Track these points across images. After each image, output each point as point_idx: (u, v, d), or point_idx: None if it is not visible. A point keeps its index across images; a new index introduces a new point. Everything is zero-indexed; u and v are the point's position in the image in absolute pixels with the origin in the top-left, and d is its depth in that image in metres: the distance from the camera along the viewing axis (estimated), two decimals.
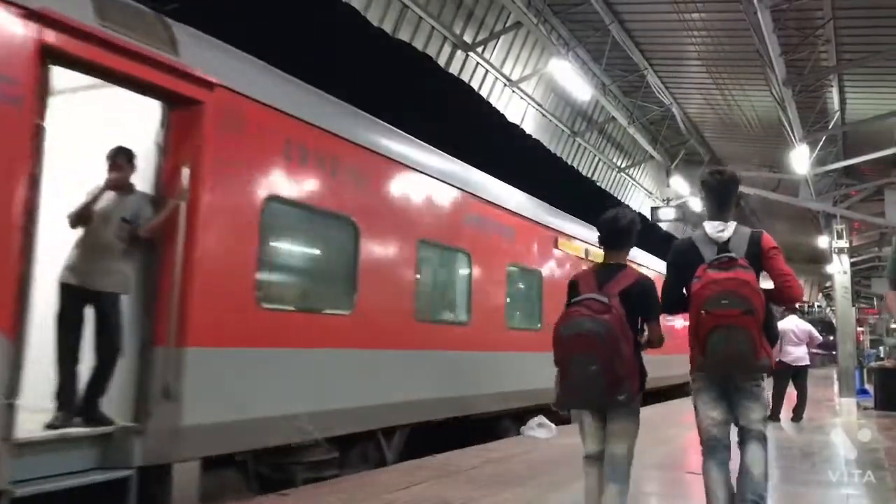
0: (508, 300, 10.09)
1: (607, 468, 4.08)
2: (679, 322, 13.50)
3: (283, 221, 6.26)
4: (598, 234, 4.38)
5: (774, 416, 11.96)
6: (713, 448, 4.03)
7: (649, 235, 25.40)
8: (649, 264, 17.08)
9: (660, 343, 4.15)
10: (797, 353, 11.95)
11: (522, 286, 11.04)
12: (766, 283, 4.01)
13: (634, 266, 5.15)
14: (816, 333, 12.67)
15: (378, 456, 7.25)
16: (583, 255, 12.48)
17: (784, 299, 4.22)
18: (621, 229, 4.33)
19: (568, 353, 3.93)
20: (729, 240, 4.06)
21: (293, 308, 6.34)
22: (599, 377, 3.81)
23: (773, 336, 4.06)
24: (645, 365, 4.18)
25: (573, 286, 4.28)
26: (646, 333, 4.16)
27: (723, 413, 4.03)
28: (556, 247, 11.80)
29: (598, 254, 12.84)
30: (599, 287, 4.10)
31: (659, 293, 4.23)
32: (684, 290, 4.07)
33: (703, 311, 3.83)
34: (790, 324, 12.13)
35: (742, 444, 4.05)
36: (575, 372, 3.89)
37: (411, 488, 5.91)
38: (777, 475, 7.24)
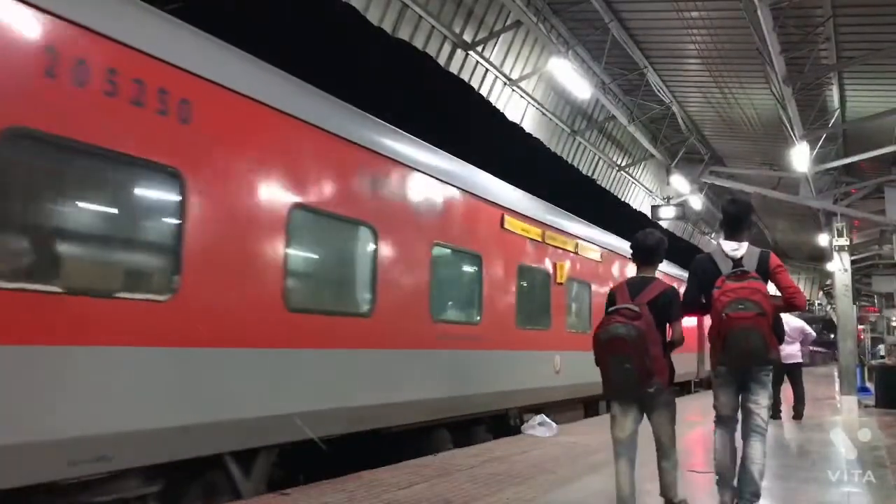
0: (435, 289, 8.12)
1: (658, 452, 5.05)
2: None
3: None
4: (631, 252, 5.30)
5: (775, 414, 11.97)
6: (725, 422, 5.03)
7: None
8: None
9: (681, 341, 4.98)
10: (789, 350, 11.83)
11: (455, 271, 9.41)
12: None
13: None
14: (809, 329, 12.67)
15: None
16: (540, 239, 11.23)
17: (791, 308, 5.03)
18: (649, 248, 5.19)
19: (605, 354, 4.73)
20: (742, 257, 4.92)
21: None
22: (632, 373, 4.64)
23: (780, 335, 4.88)
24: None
25: (611, 296, 5.10)
26: (669, 333, 4.95)
27: (735, 400, 5.02)
28: (503, 226, 10.02)
29: (561, 239, 11.71)
30: (632, 297, 4.90)
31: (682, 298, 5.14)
32: (702, 297, 5.03)
33: (724, 315, 4.67)
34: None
35: (745, 437, 4.90)
36: (612, 370, 4.73)
37: (413, 487, 5.92)
38: (778, 473, 7.25)
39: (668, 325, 4.93)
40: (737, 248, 4.98)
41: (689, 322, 16.60)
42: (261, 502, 5.40)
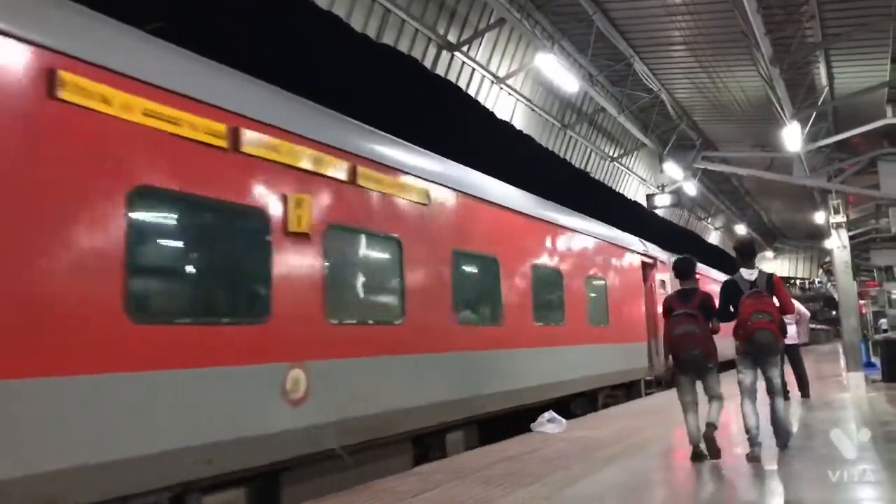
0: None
1: (710, 400, 6.97)
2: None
3: None
4: (674, 273, 7.48)
5: (784, 396, 11.97)
6: (750, 393, 6.93)
7: (646, 222, 25.40)
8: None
9: (718, 330, 6.99)
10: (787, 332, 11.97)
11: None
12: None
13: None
14: (804, 309, 12.85)
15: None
16: (425, 201, 8.17)
17: (785, 313, 7.23)
18: (687, 270, 7.35)
19: (680, 344, 6.90)
20: (756, 280, 7.04)
21: None
22: (699, 356, 6.86)
23: (784, 331, 7.13)
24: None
25: (669, 305, 7.15)
26: (710, 324, 6.99)
27: (754, 375, 7.00)
28: (355, 181, 7.02)
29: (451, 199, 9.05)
30: (684, 304, 6.98)
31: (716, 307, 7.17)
32: (731, 308, 7.07)
33: (749, 322, 6.76)
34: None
35: (770, 398, 7.09)
36: (684, 354, 6.89)
37: (426, 493, 5.88)
38: (791, 453, 7.23)
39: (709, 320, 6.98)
40: (751, 273, 7.13)
41: (635, 307, 14.85)
42: None
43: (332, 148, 6.73)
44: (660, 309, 14.68)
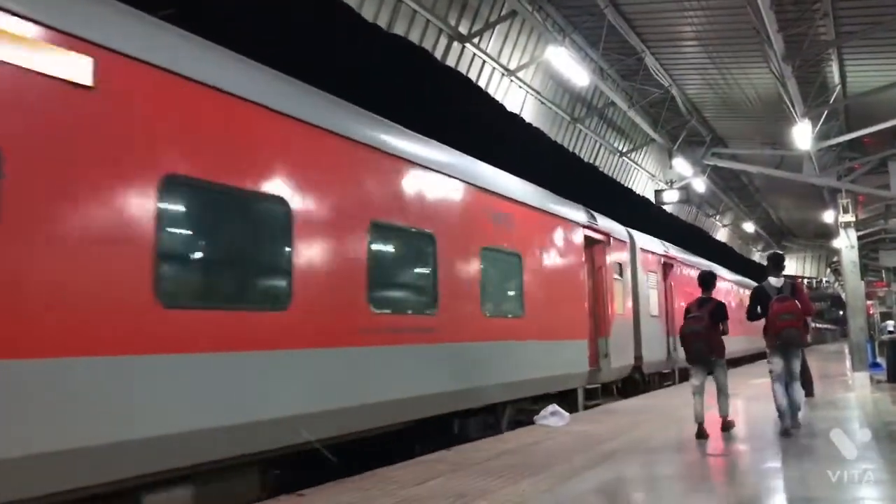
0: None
1: (718, 391, 8.42)
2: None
3: None
4: (698, 281, 8.76)
5: (807, 392, 11.95)
6: (779, 378, 8.22)
7: (654, 218, 25.32)
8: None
9: (727, 331, 8.35)
10: None
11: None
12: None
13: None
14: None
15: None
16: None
17: (808, 314, 8.51)
18: (708, 281, 8.70)
19: (687, 339, 8.27)
20: (782, 286, 8.32)
21: None
22: (702, 350, 8.20)
23: (807, 329, 8.63)
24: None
25: (688, 310, 8.47)
26: (721, 327, 8.30)
27: (781, 364, 8.25)
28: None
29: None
30: (699, 310, 8.32)
31: (728, 312, 8.48)
32: (759, 309, 8.39)
33: (777, 321, 8.04)
34: None
35: (790, 383, 8.27)
36: (690, 348, 8.27)
37: (428, 483, 5.92)
38: (793, 453, 7.24)
39: (720, 323, 8.28)
40: (778, 281, 8.42)
41: (572, 295, 11.62)
42: (277, 503, 5.41)
43: None
44: (629, 303, 14.29)
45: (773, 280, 8.40)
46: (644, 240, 16.19)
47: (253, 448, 5.53)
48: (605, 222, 13.46)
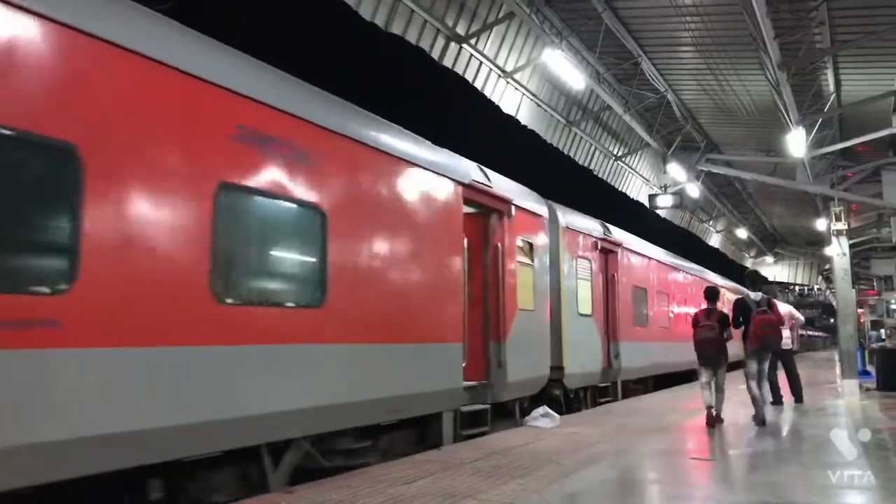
0: None
1: (717, 389, 9.78)
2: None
3: None
4: (704, 294, 10.32)
5: (777, 401, 12.02)
6: (753, 376, 9.74)
7: (647, 222, 25.39)
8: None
9: (730, 337, 9.85)
10: None
11: None
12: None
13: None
14: (797, 314, 12.84)
15: None
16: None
17: (781, 324, 9.88)
18: (713, 295, 10.20)
19: (701, 345, 9.74)
20: (760, 300, 9.70)
21: None
22: (712, 353, 9.73)
23: (780, 337, 9.95)
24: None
25: (696, 319, 9.99)
26: (725, 333, 9.79)
27: (759, 366, 9.83)
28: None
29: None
30: (707, 320, 9.80)
31: (731, 319, 9.91)
32: (741, 318, 9.84)
33: (759, 331, 9.43)
34: None
35: (765, 382, 10.26)
36: (704, 352, 9.75)
37: (417, 482, 5.92)
38: (782, 458, 7.27)
39: (724, 330, 9.79)
40: (757, 296, 9.83)
41: (437, 280, 8.07)
42: (265, 500, 5.40)
43: None
44: (545, 297, 10.80)
45: (752, 294, 9.91)
46: (573, 217, 12.84)
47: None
48: (507, 185, 10.29)
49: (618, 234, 15.04)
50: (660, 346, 17.38)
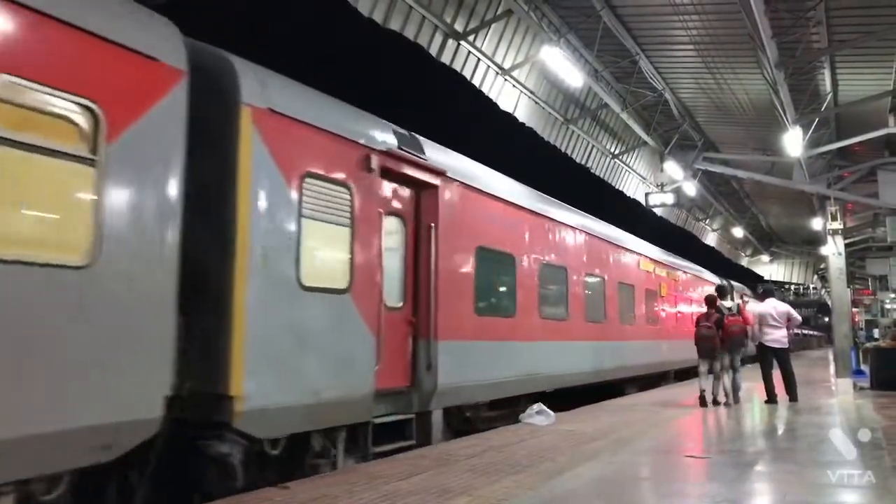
0: None
1: (714, 377, 11.94)
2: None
3: None
4: (705, 301, 12.52)
5: (771, 399, 12.07)
6: (728, 368, 12.08)
7: (644, 220, 25.42)
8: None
9: (724, 334, 11.78)
10: (776, 335, 12.20)
11: None
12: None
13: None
14: (795, 314, 12.83)
15: None
16: None
17: (747, 324, 12.17)
18: (712, 302, 12.16)
19: (702, 341, 11.84)
20: (731, 307, 12.31)
21: None
22: (711, 347, 11.78)
23: (747, 335, 12.31)
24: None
25: (698, 320, 12.16)
26: (720, 332, 11.74)
27: (731, 357, 12.10)
28: None
29: None
30: (706, 321, 11.92)
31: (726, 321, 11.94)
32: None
33: (729, 330, 11.75)
34: (768, 306, 12.34)
35: (732, 371, 12.24)
36: (703, 346, 11.85)
37: (412, 478, 5.93)
38: (776, 456, 7.29)
39: (720, 328, 11.79)
40: (729, 303, 12.48)
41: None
42: (261, 495, 5.40)
43: None
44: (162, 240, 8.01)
45: (725, 303, 12.46)
46: (297, 95, 6.80)
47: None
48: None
49: (443, 155, 9.13)
50: (545, 348, 11.51)
